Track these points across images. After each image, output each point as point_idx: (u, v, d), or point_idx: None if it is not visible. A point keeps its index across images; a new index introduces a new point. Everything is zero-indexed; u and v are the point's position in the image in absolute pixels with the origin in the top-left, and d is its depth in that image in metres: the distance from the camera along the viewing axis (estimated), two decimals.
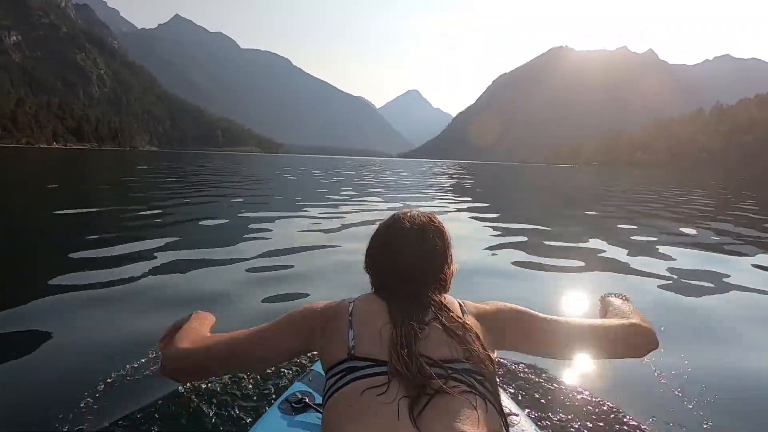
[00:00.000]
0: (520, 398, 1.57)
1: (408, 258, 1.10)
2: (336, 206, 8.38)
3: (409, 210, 1.17)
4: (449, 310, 1.02)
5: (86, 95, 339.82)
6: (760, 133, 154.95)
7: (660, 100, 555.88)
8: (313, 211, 7.47)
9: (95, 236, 4.65)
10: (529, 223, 7.22)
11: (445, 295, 1.08)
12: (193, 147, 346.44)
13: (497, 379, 0.96)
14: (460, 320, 1.00)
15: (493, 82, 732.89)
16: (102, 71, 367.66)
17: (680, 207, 10.92)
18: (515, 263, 4.16)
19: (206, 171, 21.28)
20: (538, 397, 1.66)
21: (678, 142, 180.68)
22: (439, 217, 1.16)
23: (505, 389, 1.45)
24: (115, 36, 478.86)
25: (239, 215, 6.68)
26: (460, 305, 1.06)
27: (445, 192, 13.81)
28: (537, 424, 1.25)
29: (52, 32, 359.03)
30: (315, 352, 1.09)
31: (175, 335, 1.11)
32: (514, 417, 1.20)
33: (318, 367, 1.42)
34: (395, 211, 1.18)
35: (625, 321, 1.09)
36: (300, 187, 13.96)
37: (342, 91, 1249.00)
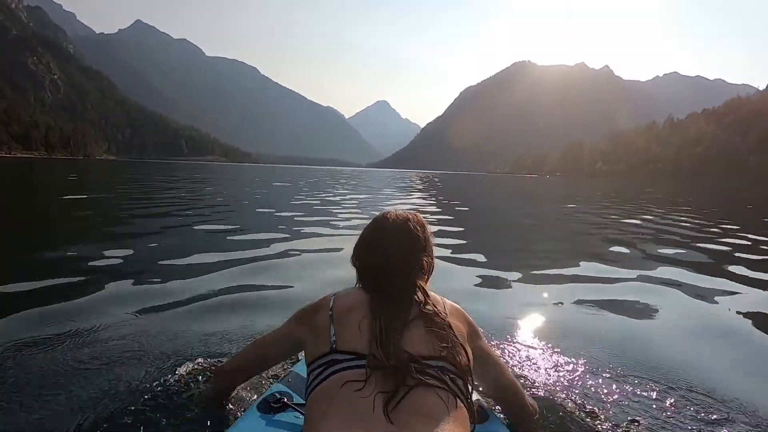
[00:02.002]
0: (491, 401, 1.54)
1: (392, 249, 1.16)
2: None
3: (393, 209, 1.28)
4: (434, 305, 1.05)
5: (38, 101, 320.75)
6: (708, 144, 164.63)
7: (615, 113, 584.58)
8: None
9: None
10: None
11: (430, 291, 1.12)
12: (154, 156, 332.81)
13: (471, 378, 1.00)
14: (443, 317, 1.03)
15: (460, 93, 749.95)
16: (55, 76, 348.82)
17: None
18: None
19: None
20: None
21: (635, 153, 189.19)
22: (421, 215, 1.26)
23: (477, 389, 1.45)
24: (70, 40, 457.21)
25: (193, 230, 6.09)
26: (442, 302, 1.11)
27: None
28: (506, 423, 1.31)
29: (0, 34, 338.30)
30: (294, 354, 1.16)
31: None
32: (484, 415, 1.25)
33: (298, 368, 1.46)
34: (381, 211, 1.28)
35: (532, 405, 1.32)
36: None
37: (311, 101, 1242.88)
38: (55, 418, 1.42)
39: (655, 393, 1.74)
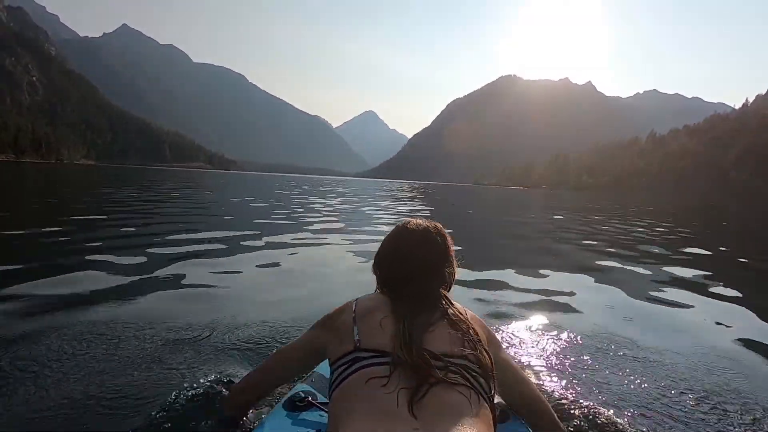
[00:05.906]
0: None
1: (414, 257, 1.18)
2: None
3: (414, 218, 1.30)
4: (456, 309, 1.09)
5: (15, 102, 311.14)
6: (690, 160, 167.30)
7: (598, 128, 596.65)
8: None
9: None
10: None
11: (453, 300, 1.15)
12: (136, 161, 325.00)
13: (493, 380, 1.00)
14: (465, 320, 1.06)
15: (447, 105, 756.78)
16: (34, 78, 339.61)
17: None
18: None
19: None
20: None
21: (620, 167, 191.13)
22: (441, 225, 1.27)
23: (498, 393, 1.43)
24: (52, 42, 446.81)
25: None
26: (464, 310, 1.14)
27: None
28: (526, 425, 1.31)
29: None
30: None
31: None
32: (505, 415, 1.26)
33: (320, 369, 1.48)
34: (402, 220, 1.31)
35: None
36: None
37: (299, 110, 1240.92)
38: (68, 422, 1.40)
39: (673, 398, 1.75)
